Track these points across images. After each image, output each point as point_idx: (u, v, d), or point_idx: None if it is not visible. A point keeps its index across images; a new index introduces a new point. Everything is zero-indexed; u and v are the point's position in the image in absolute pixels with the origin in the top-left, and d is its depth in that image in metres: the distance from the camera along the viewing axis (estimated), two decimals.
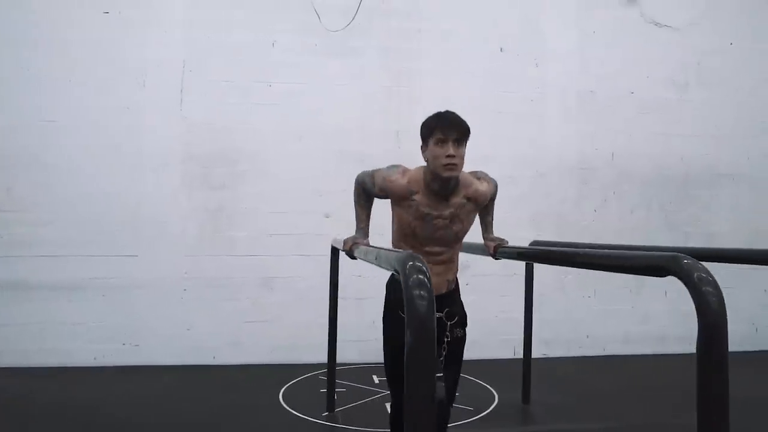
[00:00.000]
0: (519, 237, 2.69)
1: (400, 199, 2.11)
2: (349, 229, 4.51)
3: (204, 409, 3.40)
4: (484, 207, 2.37)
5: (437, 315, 2.21)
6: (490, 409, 3.42)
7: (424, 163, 2.10)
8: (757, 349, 5.04)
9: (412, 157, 5.08)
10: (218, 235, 4.41)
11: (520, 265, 3.52)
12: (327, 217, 4.55)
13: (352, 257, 2.22)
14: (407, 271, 1.07)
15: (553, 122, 4.92)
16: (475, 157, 4.59)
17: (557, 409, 3.46)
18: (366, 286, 4.09)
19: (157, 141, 4.36)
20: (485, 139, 4.53)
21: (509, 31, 4.85)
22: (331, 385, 3.31)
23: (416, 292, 1.03)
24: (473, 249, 2.48)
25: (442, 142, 2.01)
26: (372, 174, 2.23)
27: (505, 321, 4.52)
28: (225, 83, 4.44)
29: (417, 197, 2.08)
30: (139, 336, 4.31)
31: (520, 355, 3.70)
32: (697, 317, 1.00)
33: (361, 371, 4.17)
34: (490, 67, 4.82)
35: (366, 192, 2.27)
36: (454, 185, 2.10)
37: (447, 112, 2.08)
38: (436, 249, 2.15)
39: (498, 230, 2.41)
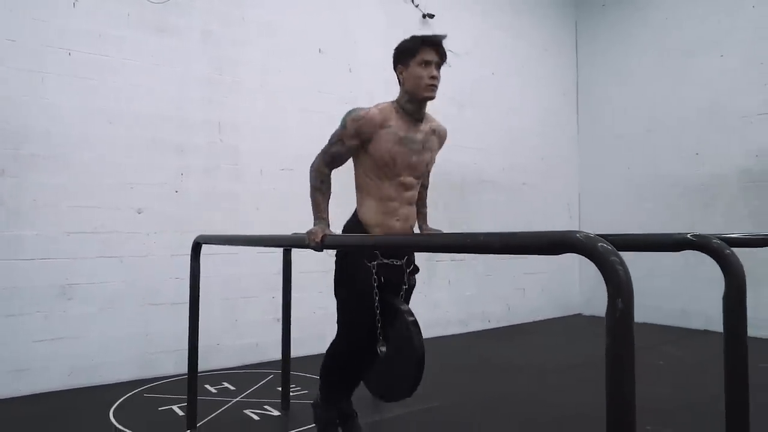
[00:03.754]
0: None
1: (376, 130, 2.16)
2: (167, 227, 4.08)
3: None
4: (419, 197, 2.50)
5: (398, 262, 2.28)
6: None
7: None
8: (510, 324, 6.21)
9: (236, 152, 4.82)
10: None
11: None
12: (139, 213, 3.99)
13: (320, 250, 2.09)
14: (598, 250, 1.03)
15: None
16: (287, 156, 4.64)
17: None
18: (185, 290, 3.70)
19: None
20: (301, 137, 4.57)
21: (328, 34, 4.98)
22: (192, 398, 2.95)
23: (613, 258, 1.01)
24: None
25: (426, 63, 2.14)
26: (336, 137, 2.22)
27: (323, 317, 4.61)
28: (7, 42, 3.51)
29: (392, 123, 2.19)
30: None
31: None
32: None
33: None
34: (309, 66, 4.87)
35: (328, 171, 2.26)
36: (423, 112, 2.26)
37: (432, 35, 2.23)
38: (410, 179, 2.27)
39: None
